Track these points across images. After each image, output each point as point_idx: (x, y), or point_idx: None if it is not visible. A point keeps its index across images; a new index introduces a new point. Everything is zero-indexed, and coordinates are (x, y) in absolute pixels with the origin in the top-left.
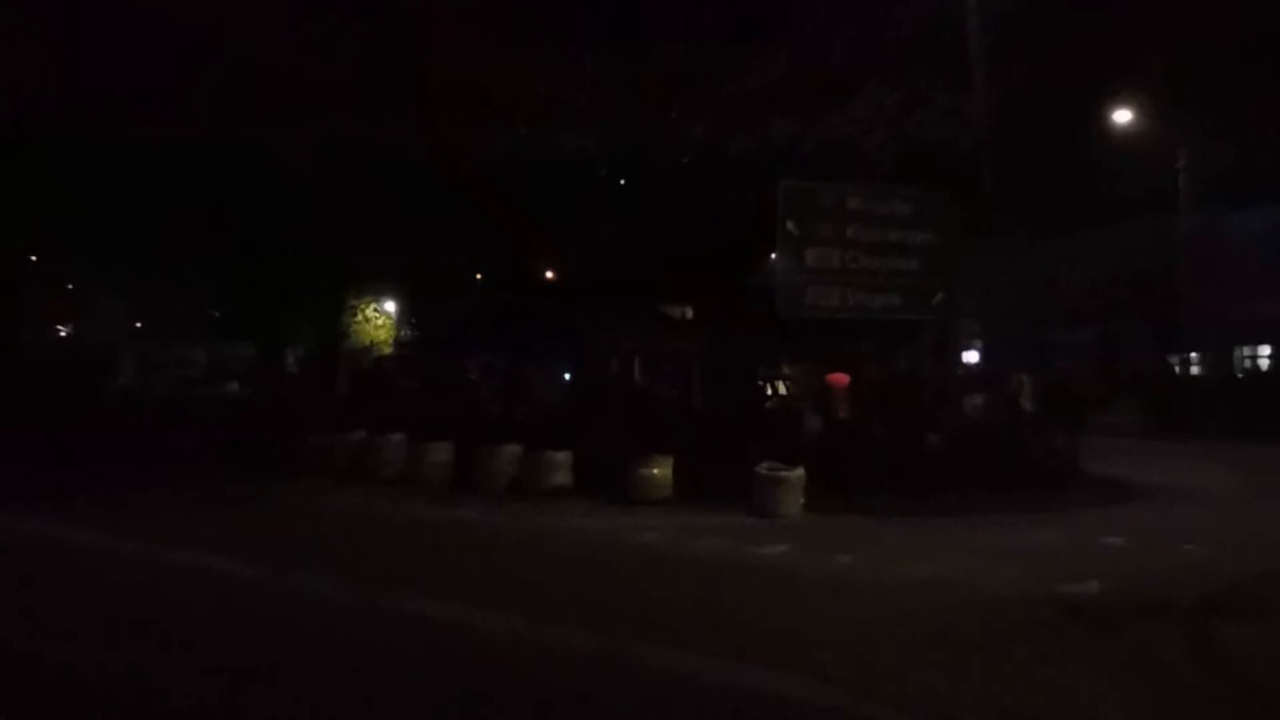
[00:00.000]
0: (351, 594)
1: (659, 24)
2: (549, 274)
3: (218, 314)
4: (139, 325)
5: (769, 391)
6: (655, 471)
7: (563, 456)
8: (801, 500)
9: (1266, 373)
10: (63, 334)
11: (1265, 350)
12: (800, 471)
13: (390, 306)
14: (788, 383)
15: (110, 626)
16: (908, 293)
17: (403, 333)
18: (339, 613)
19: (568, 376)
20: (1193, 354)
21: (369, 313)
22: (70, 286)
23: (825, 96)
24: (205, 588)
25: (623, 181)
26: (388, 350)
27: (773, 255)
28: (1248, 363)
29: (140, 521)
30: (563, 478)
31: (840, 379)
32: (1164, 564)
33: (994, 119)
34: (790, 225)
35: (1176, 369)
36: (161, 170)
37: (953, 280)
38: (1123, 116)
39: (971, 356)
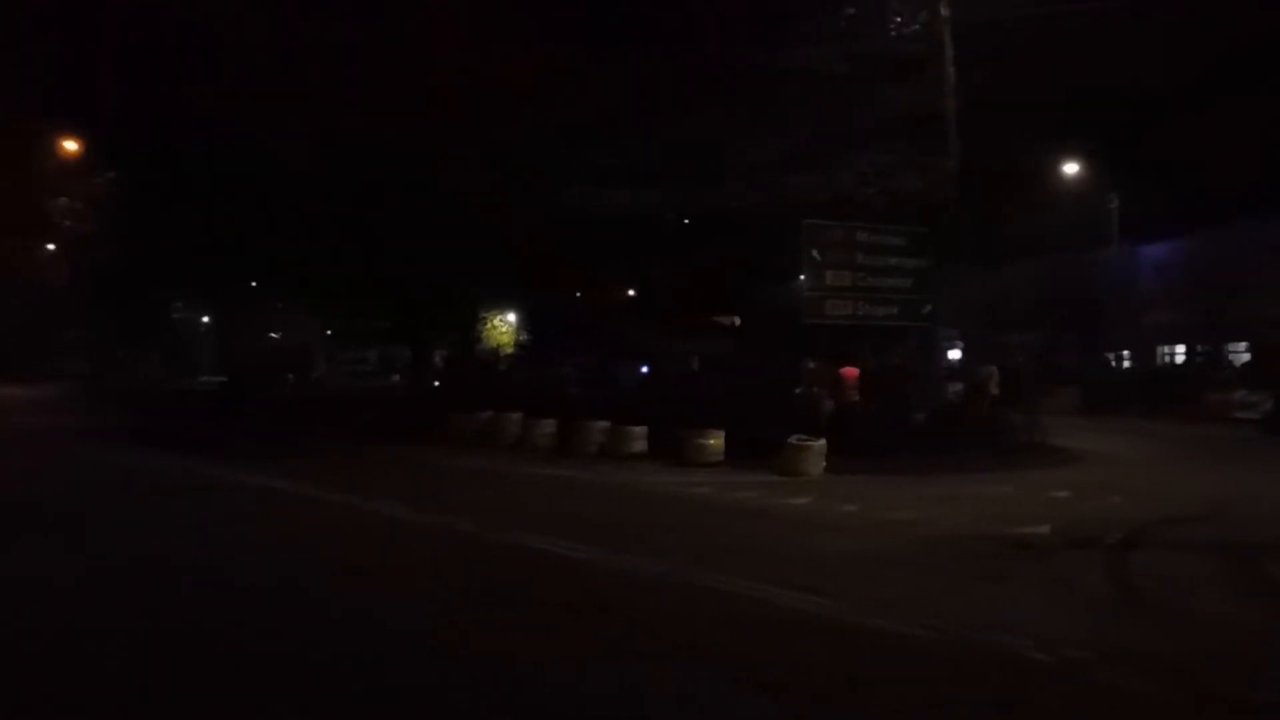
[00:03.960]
0: (475, 530)
1: (704, 107)
2: (630, 291)
3: (384, 324)
4: (328, 332)
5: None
6: (710, 442)
7: (639, 430)
8: (823, 464)
9: (1177, 366)
10: (274, 338)
11: (1180, 348)
12: (822, 442)
13: (511, 317)
14: (809, 375)
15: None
16: (903, 305)
17: (521, 337)
18: (466, 543)
19: (644, 369)
20: (1125, 351)
21: (496, 322)
22: (279, 305)
23: (832, 159)
24: (369, 522)
25: (685, 222)
26: (509, 350)
27: (800, 277)
28: (1166, 358)
29: (323, 474)
30: (639, 446)
31: (849, 371)
32: (1095, 510)
33: (959, 172)
34: (814, 253)
35: (1112, 363)
36: (339, 223)
37: (937, 295)
38: (1069, 169)
39: (954, 354)
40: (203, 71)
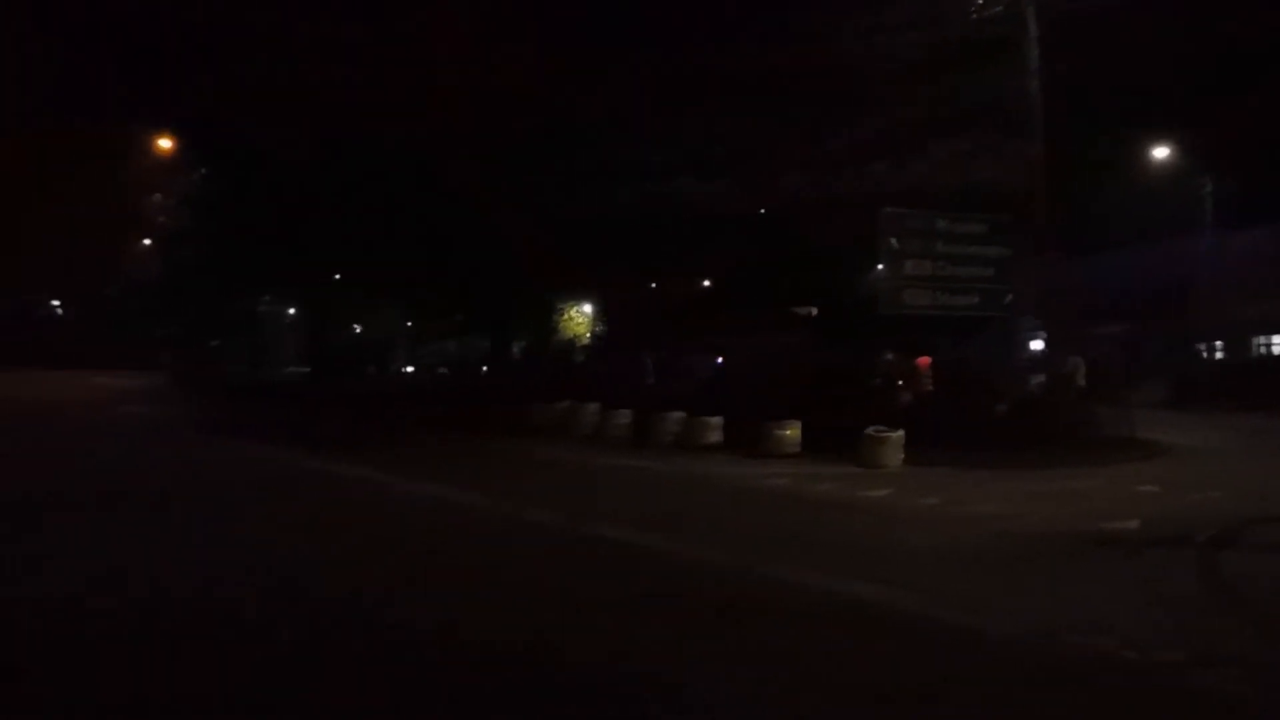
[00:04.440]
0: (556, 520)
1: (781, 96)
2: (705, 283)
3: (461, 317)
4: (409, 324)
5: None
6: (787, 433)
7: (715, 420)
8: (901, 455)
9: (1274, 358)
10: (355, 331)
11: (1278, 339)
12: (901, 433)
13: (587, 308)
14: (886, 366)
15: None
16: (984, 294)
17: (596, 328)
18: (544, 533)
19: (719, 360)
20: (1217, 342)
21: (572, 313)
22: (361, 299)
23: (908, 148)
24: (441, 512)
25: (761, 211)
26: (585, 342)
27: (878, 266)
28: (1262, 349)
29: (402, 463)
30: (715, 436)
31: (926, 362)
32: (1185, 506)
33: (1045, 158)
34: (892, 242)
35: (1204, 354)
36: (418, 219)
37: (1019, 285)
38: (1160, 153)
39: (1037, 345)
40: (288, 77)
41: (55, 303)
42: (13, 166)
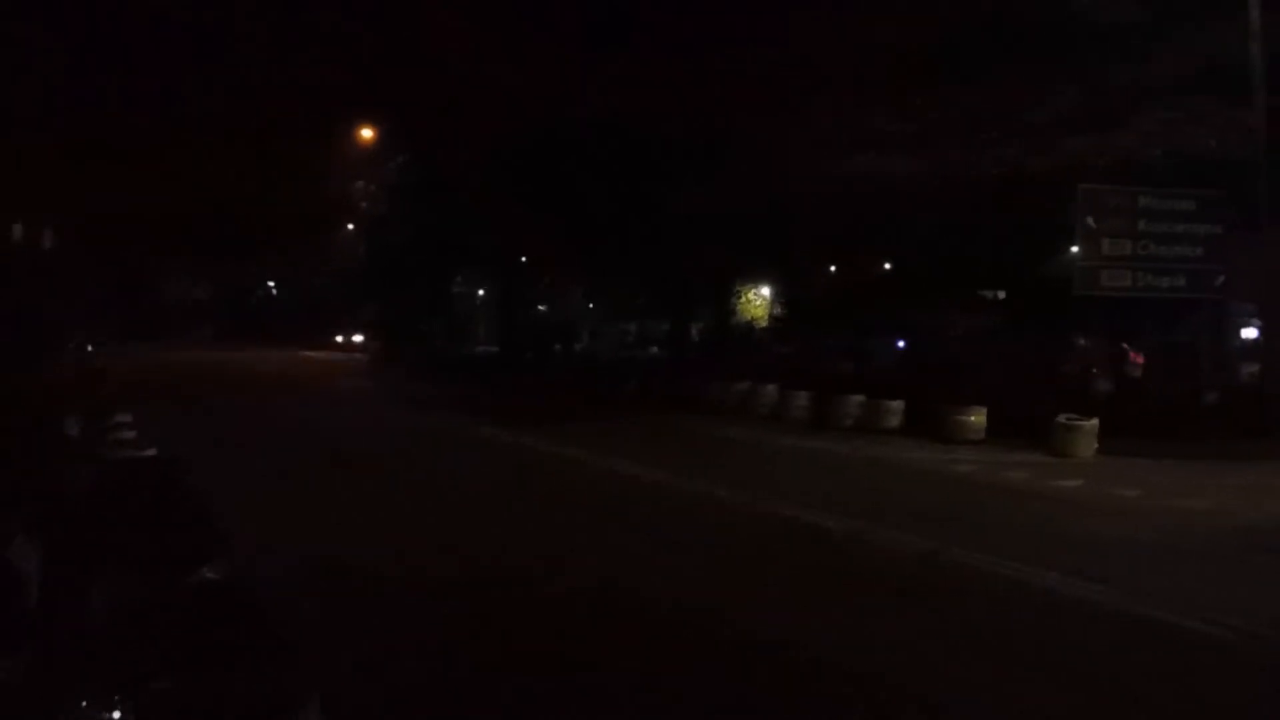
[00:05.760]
0: (737, 498)
1: (974, 69)
2: (885, 265)
3: (642, 299)
4: (591, 305)
5: (1066, 357)
6: (971, 418)
7: (896, 404)
8: (1095, 445)
9: None
10: (542, 310)
11: None
12: (1094, 421)
13: (765, 291)
14: (1081, 351)
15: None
16: (1191, 276)
17: (775, 310)
18: (725, 509)
19: (900, 344)
20: None
21: (750, 296)
22: (547, 280)
23: (1112, 119)
24: (639, 489)
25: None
26: (764, 324)
27: (1072, 249)
28: None
29: (588, 437)
30: (895, 421)
31: (1129, 347)
32: None
33: (1267, 127)
34: (1089, 220)
35: None
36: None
37: (1233, 265)
38: None
39: (1251, 333)
40: (480, 70)
41: (270, 284)
42: (232, 157)
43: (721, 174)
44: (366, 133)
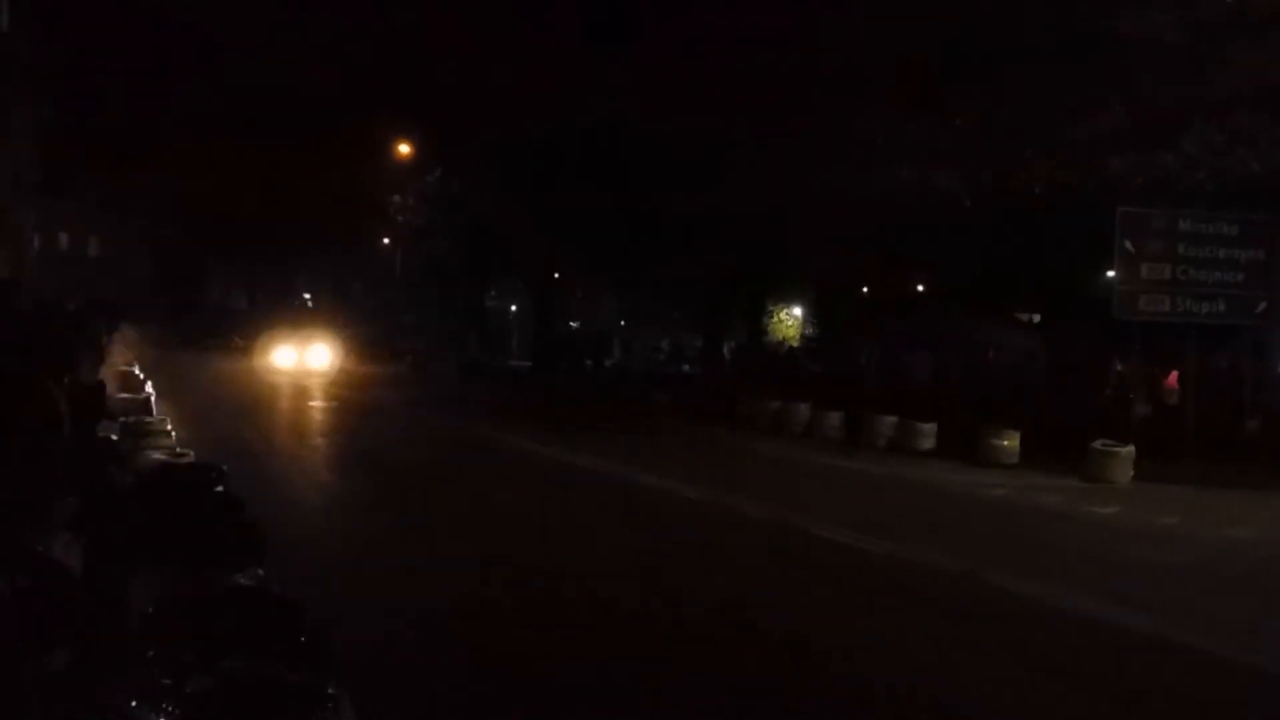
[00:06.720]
0: (769, 516)
1: (1010, 82)
2: (919, 287)
3: (677, 313)
4: (623, 322)
5: (1103, 382)
6: (1005, 442)
7: (929, 426)
8: (1131, 472)
9: None
10: (574, 325)
11: None
12: (1131, 448)
13: (797, 310)
14: (1119, 375)
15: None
16: (1232, 301)
17: (807, 329)
18: (757, 528)
19: (933, 365)
20: None
21: (782, 315)
22: (579, 294)
23: (1155, 138)
24: (662, 502)
25: (976, 206)
26: (795, 343)
27: (1109, 273)
28: None
29: (620, 451)
30: (929, 442)
31: (1167, 372)
32: None
33: None
34: (1128, 244)
35: None
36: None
37: (1274, 292)
38: None
39: None
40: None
41: (306, 295)
42: (278, 169)
43: (747, 183)
44: (404, 148)
